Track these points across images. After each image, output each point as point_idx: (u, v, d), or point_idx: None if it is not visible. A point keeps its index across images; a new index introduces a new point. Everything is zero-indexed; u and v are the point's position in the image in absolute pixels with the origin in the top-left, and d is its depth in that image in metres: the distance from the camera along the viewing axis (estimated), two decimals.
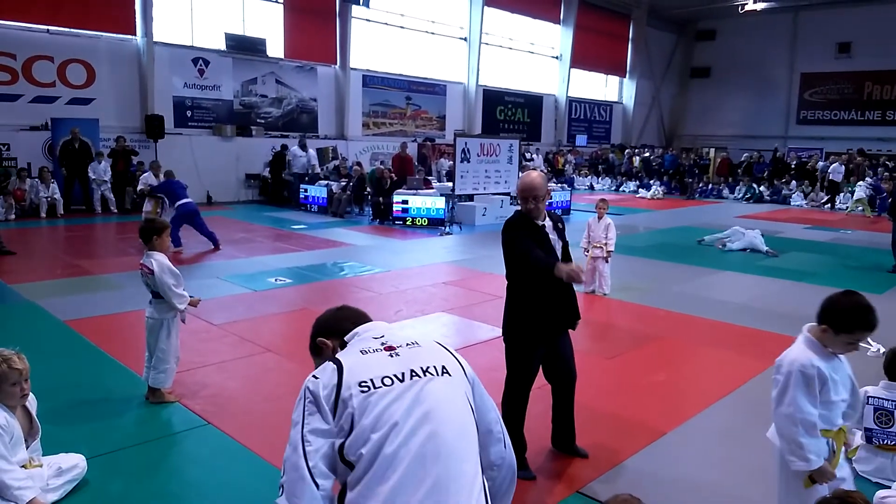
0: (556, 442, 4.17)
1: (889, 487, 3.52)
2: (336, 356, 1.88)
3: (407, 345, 1.90)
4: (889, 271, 10.62)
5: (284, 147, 17.87)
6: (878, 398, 3.90)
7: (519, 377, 3.88)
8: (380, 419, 1.70)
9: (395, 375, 1.79)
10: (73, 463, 3.51)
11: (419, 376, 1.81)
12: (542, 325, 3.75)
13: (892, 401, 3.85)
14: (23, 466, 3.26)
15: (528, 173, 3.82)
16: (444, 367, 1.86)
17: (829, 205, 21.71)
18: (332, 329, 2.08)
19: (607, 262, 8.24)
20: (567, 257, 3.89)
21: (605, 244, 8.16)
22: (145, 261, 4.60)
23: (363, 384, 1.75)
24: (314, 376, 1.81)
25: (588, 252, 8.32)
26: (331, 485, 1.72)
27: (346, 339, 1.99)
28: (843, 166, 22.19)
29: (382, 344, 1.89)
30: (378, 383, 1.76)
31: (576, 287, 3.96)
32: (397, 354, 1.86)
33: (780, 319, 7.24)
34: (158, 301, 4.64)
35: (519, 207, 3.83)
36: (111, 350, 5.70)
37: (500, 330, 4.03)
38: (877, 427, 3.86)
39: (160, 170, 11.89)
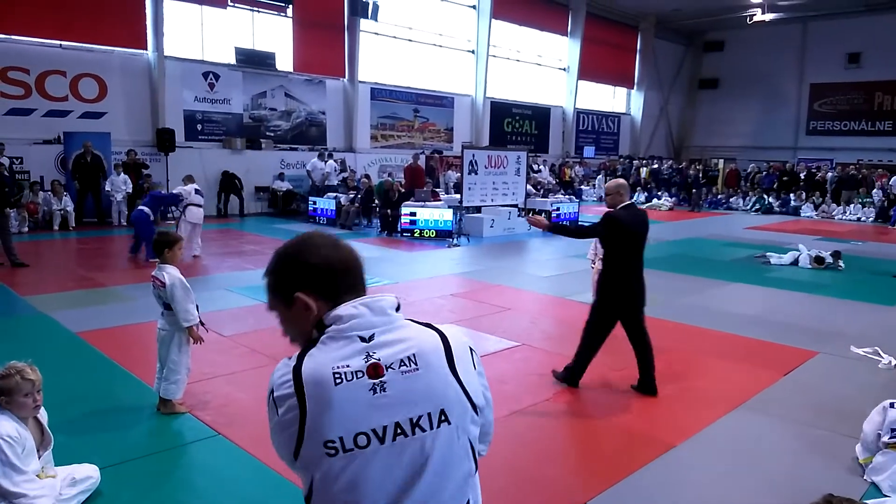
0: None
1: None
2: (300, 370, 1.37)
3: (402, 364, 1.38)
4: (894, 276, 10.60)
5: (226, 172, 17.55)
6: None
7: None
8: (345, 497, 1.36)
9: (375, 431, 1.35)
10: (87, 474, 3.55)
11: (406, 434, 1.36)
12: None
13: None
14: (36, 476, 3.30)
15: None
16: (442, 413, 1.39)
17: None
18: (319, 282, 1.43)
19: None
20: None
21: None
22: (157, 273, 4.63)
23: (330, 445, 1.33)
24: (273, 399, 1.39)
25: (595, 265, 8.25)
26: None
27: (325, 319, 1.42)
28: None
29: (367, 357, 1.37)
30: (350, 443, 1.34)
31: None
32: (383, 387, 1.36)
33: (790, 331, 7.22)
34: (170, 313, 4.67)
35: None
36: (122, 361, 5.75)
37: (511, 342, 4.07)
38: None
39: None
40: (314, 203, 16.70)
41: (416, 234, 14.44)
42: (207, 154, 17.40)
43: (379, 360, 1.37)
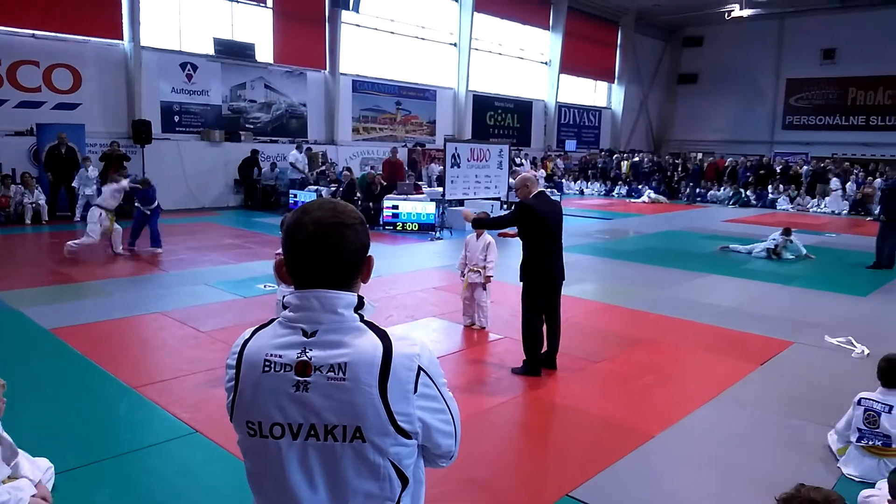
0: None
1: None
2: (245, 346, 1.45)
3: (330, 370, 1.36)
4: (868, 267, 10.80)
5: (255, 152, 17.81)
6: (870, 399, 3.99)
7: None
8: (261, 482, 1.47)
9: (290, 426, 1.38)
10: (46, 465, 3.54)
11: (318, 438, 1.38)
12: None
13: (883, 403, 3.92)
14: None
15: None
16: (357, 430, 1.36)
17: None
18: (287, 256, 1.47)
19: (485, 289, 6.80)
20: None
21: (484, 268, 6.71)
22: None
23: (250, 425, 1.42)
24: (226, 364, 1.49)
25: (465, 276, 6.88)
26: None
27: (284, 299, 1.48)
28: None
29: (302, 352, 1.38)
30: (266, 429, 1.40)
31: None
32: (306, 387, 1.37)
33: (766, 322, 7.31)
34: None
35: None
36: (97, 358, 5.64)
37: (493, 334, 4.08)
38: (865, 428, 3.91)
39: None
40: (295, 196, 16.58)
41: (398, 228, 14.40)
42: (185, 146, 17.18)
43: (310, 359, 1.38)
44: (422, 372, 1.40)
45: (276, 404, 1.39)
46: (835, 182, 22.13)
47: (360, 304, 1.45)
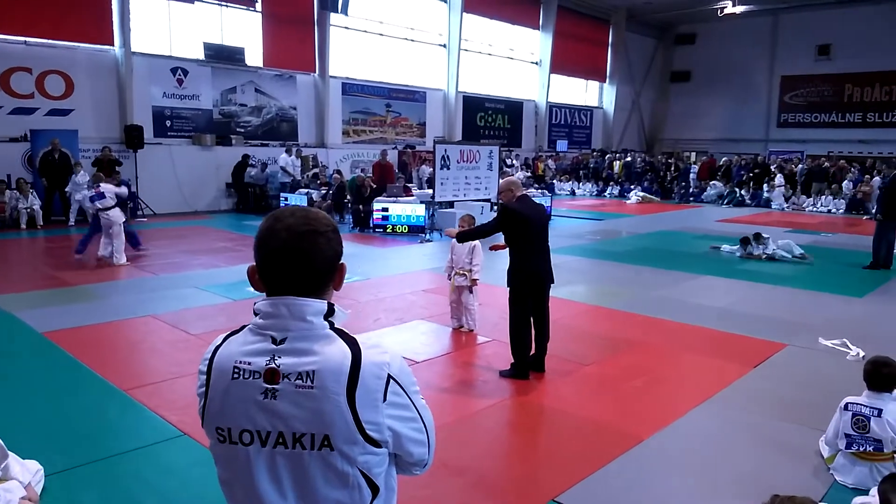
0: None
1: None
2: (216, 352, 1.47)
3: (298, 377, 1.36)
4: (864, 267, 10.78)
5: (246, 157, 17.79)
6: (858, 404, 3.95)
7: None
8: (232, 488, 1.47)
9: (259, 433, 1.38)
10: (36, 467, 3.55)
11: (286, 445, 1.38)
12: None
13: (871, 407, 3.89)
14: None
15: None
16: (325, 438, 1.36)
17: None
18: (259, 263, 1.46)
19: (472, 292, 6.77)
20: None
21: (470, 271, 6.67)
22: None
23: (220, 431, 1.42)
24: (199, 369, 1.49)
25: (451, 279, 6.88)
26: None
27: (255, 306, 1.46)
28: None
29: (271, 360, 1.38)
30: (235, 436, 1.40)
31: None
32: (274, 395, 1.37)
33: (759, 324, 7.28)
34: None
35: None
36: (89, 362, 5.64)
37: (482, 337, 4.07)
38: (855, 433, 3.90)
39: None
40: (286, 199, 16.56)
41: (388, 230, 14.40)
42: (177, 151, 17.17)
43: (279, 366, 1.38)
44: (391, 380, 1.40)
45: (245, 411, 1.39)
46: (779, 178, 22.61)
47: (331, 311, 1.44)
